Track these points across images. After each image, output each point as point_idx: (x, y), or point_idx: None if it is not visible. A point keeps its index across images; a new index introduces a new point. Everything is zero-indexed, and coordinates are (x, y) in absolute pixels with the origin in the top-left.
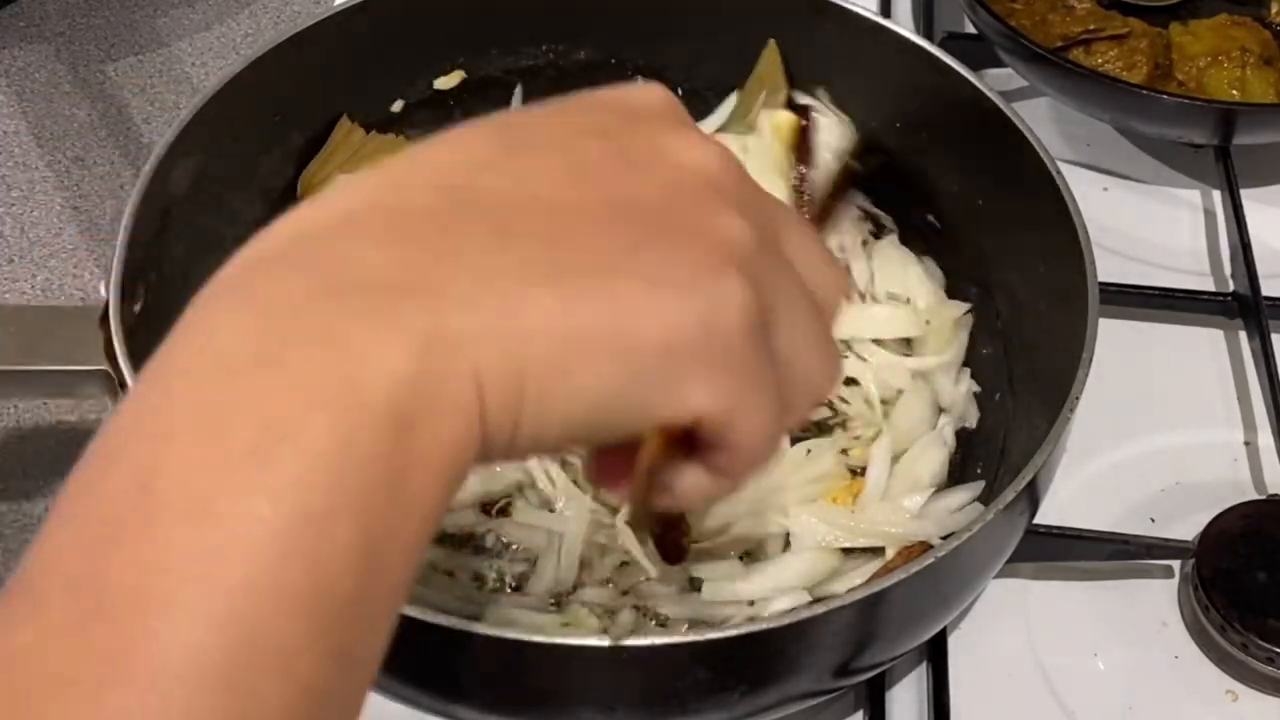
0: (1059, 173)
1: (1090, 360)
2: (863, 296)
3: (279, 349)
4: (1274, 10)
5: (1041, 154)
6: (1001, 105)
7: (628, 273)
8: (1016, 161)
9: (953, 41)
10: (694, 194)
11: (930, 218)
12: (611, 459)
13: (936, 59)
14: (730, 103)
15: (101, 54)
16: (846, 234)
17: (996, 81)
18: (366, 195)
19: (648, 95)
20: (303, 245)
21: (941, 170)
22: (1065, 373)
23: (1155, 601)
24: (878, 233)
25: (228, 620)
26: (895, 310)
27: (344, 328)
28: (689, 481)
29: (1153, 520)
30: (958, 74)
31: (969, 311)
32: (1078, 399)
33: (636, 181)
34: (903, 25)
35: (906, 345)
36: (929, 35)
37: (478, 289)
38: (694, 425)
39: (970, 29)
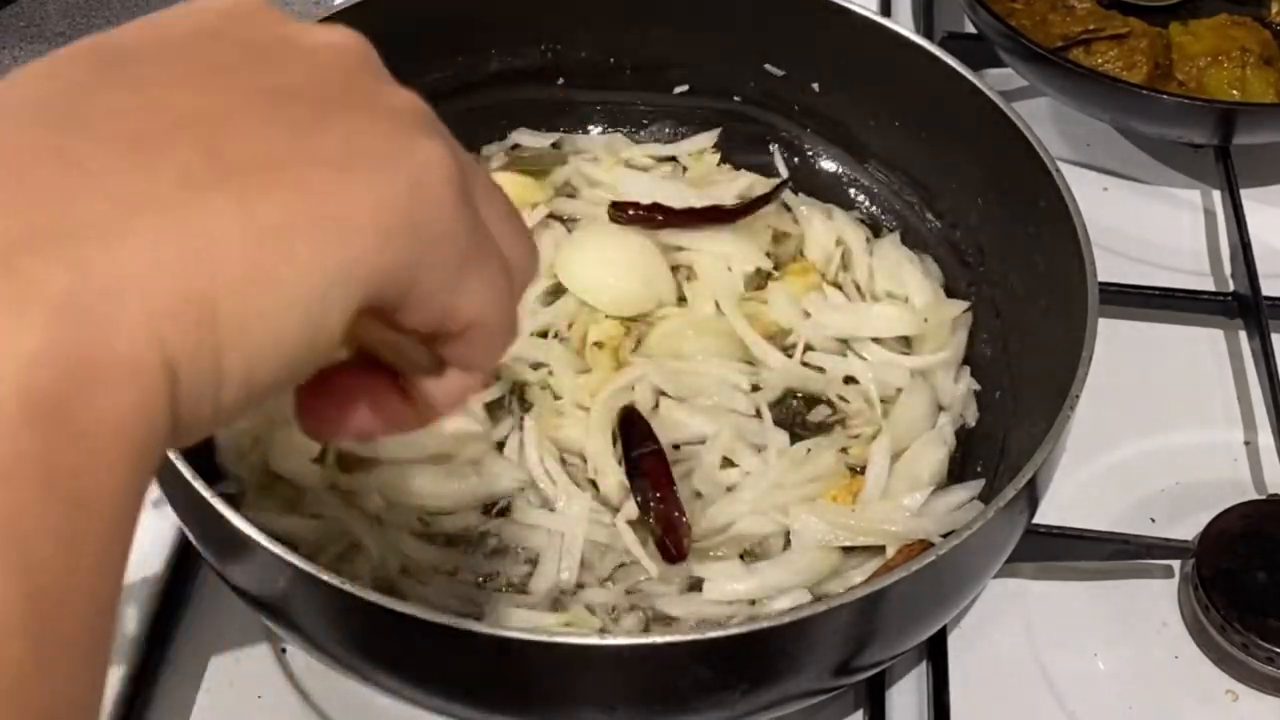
0: (1059, 172)
1: (1090, 360)
2: (863, 295)
3: None
4: (1274, 10)
5: (1041, 154)
6: (1002, 105)
7: (308, 158)
8: (1016, 161)
9: (953, 41)
10: (346, 73)
11: (930, 217)
12: (318, 397)
13: (936, 58)
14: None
15: None
16: (849, 232)
17: (996, 81)
18: None
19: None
20: None
21: (941, 170)
22: (1065, 373)
23: (1155, 601)
24: (877, 232)
25: None
26: (894, 309)
27: None
28: (446, 388)
29: (1153, 520)
30: (958, 74)
31: (968, 310)
32: (1078, 398)
33: (276, 70)
34: (903, 25)
35: (906, 344)
36: (929, 35)
37: (125, 216)
38: (420, 317)
39: (970, 29)
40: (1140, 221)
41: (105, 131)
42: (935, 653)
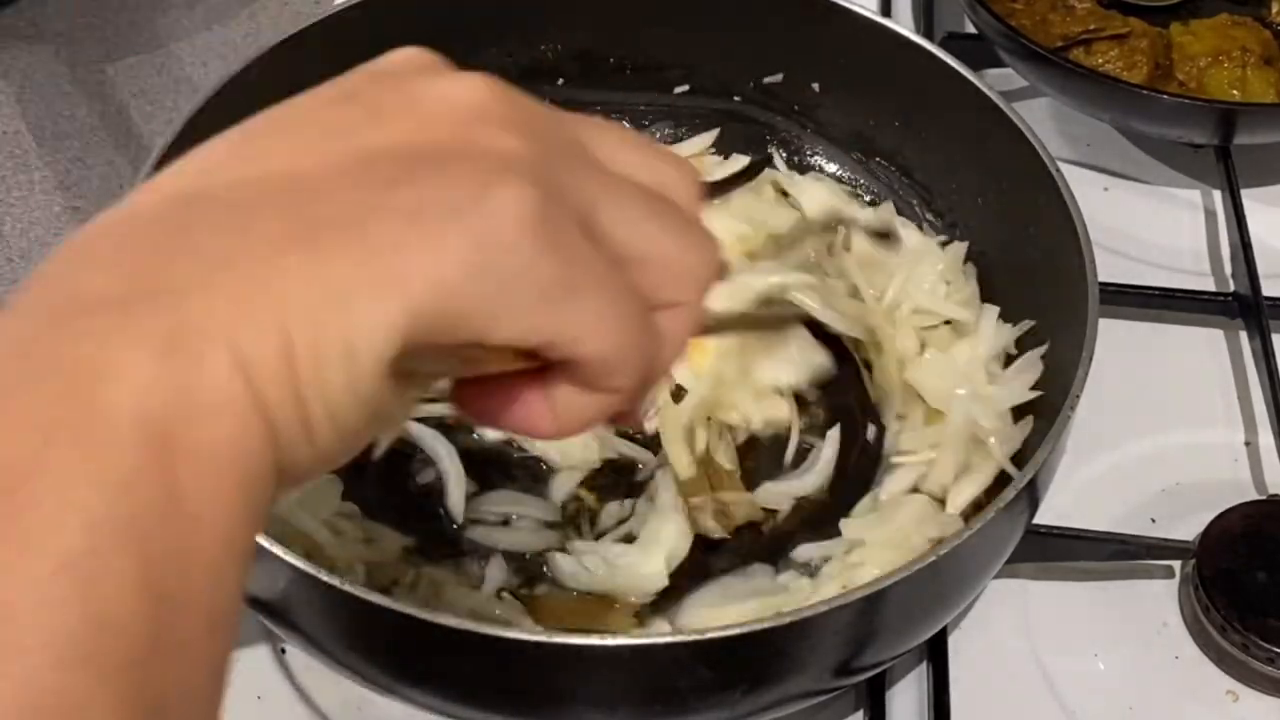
0: (1059, 172)
1: (1090, 360)
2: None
3: (5, 392)
4: (1274, 10)
5: (1042, 154)
6: (1002, 105)
7: (382, 214)
8: (1017, 161)
9: (953, 41)
10: (454, 124)
11: (930, 217)
12: (475, 390)
13: (936, 58)
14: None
15: (101, 54)
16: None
17: (996, 81)
18: (96, 224)
19: (401, 53)
20: (34, 286)
21: (941, 170)
22: (1065, 373)
23: (1155, 601)
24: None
25: (5, 694)
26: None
27: (74, 352)
28: (566, 403)
29: (1153, 520)
30: (958, 74)
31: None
32: (1078, 398)
33: (388, 130)
34: (903, 25)
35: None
36: (929, 35)
37: (215, 275)
38: (526, 349)
39: (970, 29)
40: (1140, 221)
41: (218, 202)
42: (935, 653)
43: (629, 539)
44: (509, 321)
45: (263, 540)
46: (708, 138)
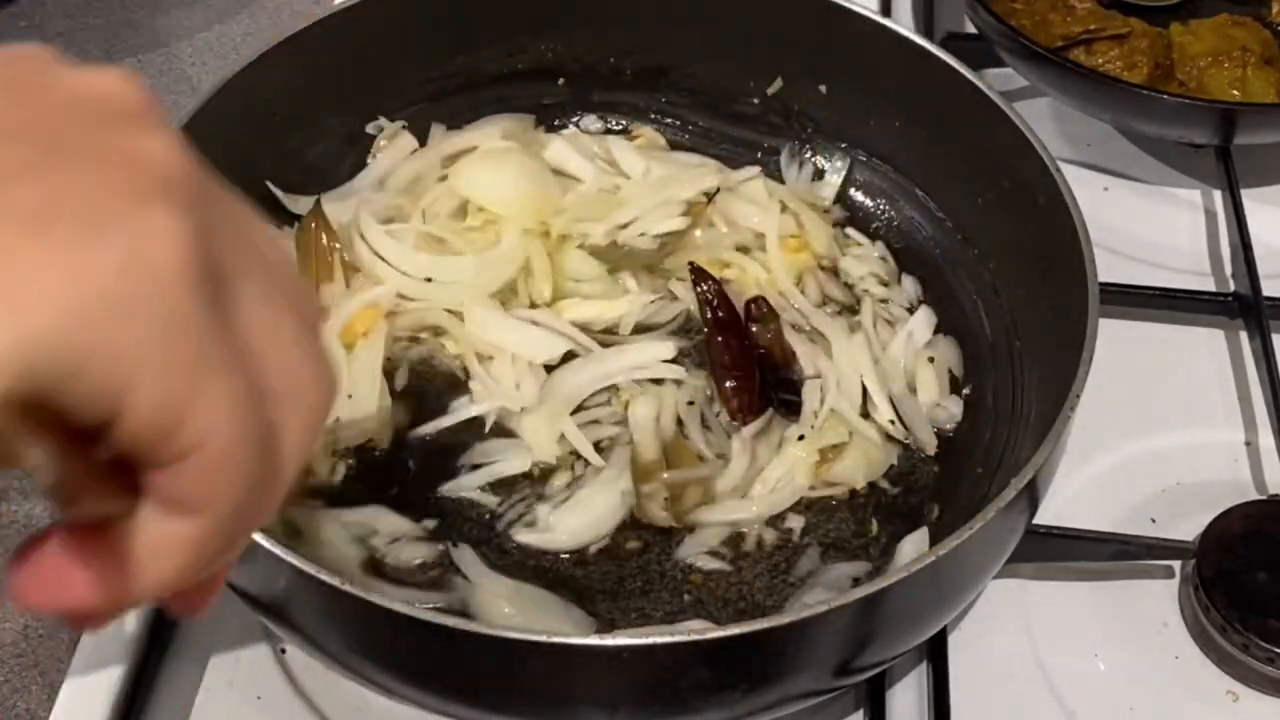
0: (1059, 172)
1: (1090, 360)
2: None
3: None
4: (1274, 10)
5: (1042, 154)
6: (1002, 105)
7: (8, 208)
8: (1016, 161)
9: (953, 41)
10: (99, 117)
11: (930, 216)
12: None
13: (936, 58)
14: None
15: (101, 54)
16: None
17: (996, 81)
18: None
19: (21, 45)
20: None
21: (941, 169)
22: (1065, 373)
23: (1155, 601)
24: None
25: None
26: None
27: None
28: (157, 534)
29: (1153, 520)
30: (958, 74)
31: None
32: (1078, 398)
33: (19, 106)
34: (903, 25)
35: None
36: (929, 35)
37: None
38: (123, 430)
39: (970, 29)
40: (1140, 221)
41: None
42: (935, 653)
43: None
44: (148, 380)
45: (262, 540)
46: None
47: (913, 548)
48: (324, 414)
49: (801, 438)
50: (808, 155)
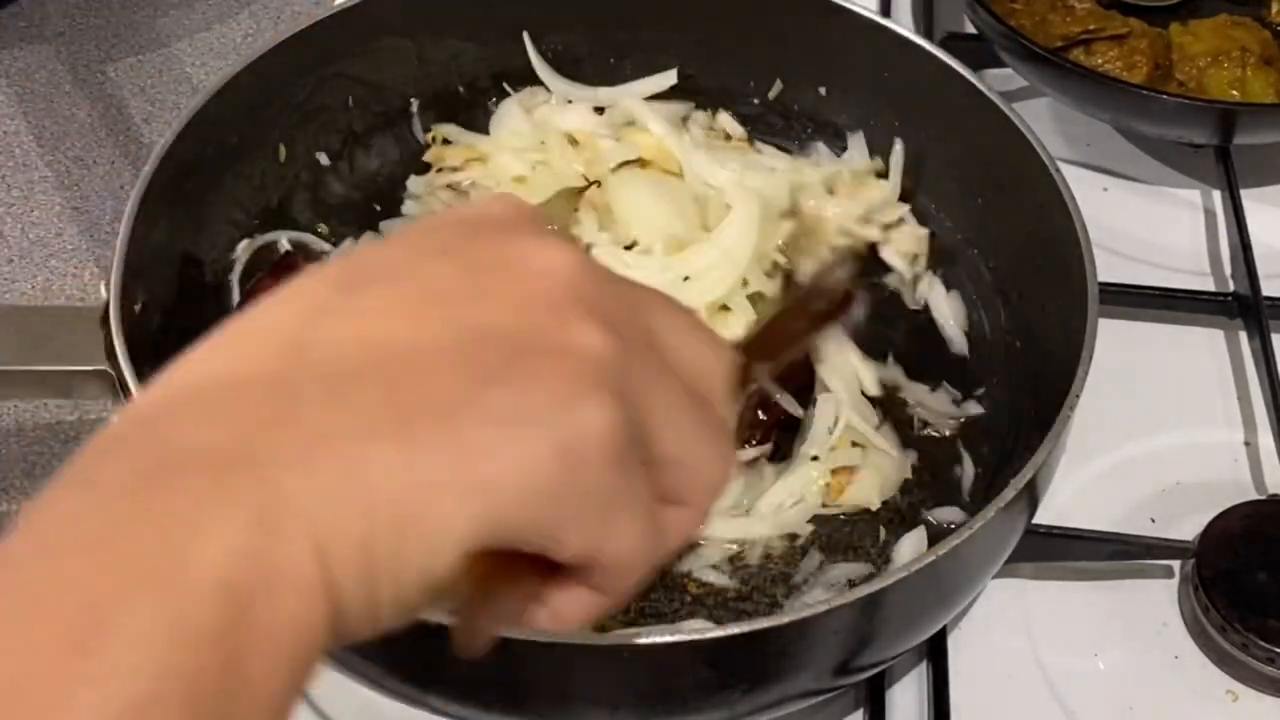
0: (1059, 172)
1: (1090, 360)
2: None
3: (104, 531)
4: (1274, 10)
5: (1041, 154)
6: (1001, 105)
7: (476, 413)
8: (1017, 161)
9: (953, 41)
10: (547, 306)
11: (930, 216)
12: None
13: (936, 58)
14: None
15: (101, 54)
16: None
17: (996, 81)
18: (200, 368)
19: (495, 204)
20: (137, 428)
21: (941, 169)
22: (1065, 372)
23: (1155, 601)
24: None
25: None
26: None
27: (171, 506)
28: (573, 604)
29: (1153, 520)
30: (958, 74)
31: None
32: (1078, 398)
33: (483, 301)
34: (903, 25)
35: None
36: (929, 35)
37: (313, 452)
38: (562, 553)
39: (970, 29)
40: (1140, 221)
41: (317, 364)
42: (935, 653)
43: None
44: (575, 533)
45: None
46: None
47: (910, 547)
48: (719, 493)
49: (815, 458)
50: (807, 156)
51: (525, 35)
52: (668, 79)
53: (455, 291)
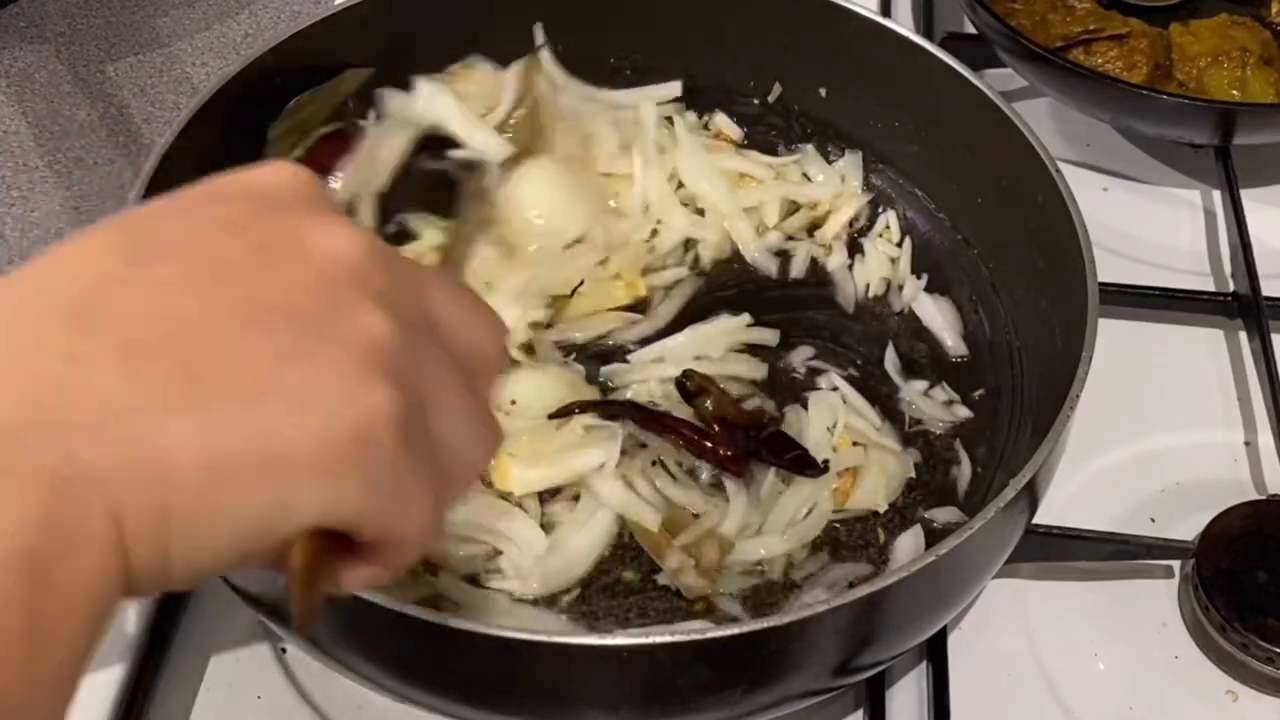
0: (1059, 173)
1: (1090, 360)
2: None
3: None
4: (1274, 10)
5: (1041, 154)
6: (1002, 105)
7: (274, 391)
8: (1017, 161)
9: (953, 41)
10: (336, 289)
11: (930, 216)
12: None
13: (937, 59)
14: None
15: (101, 54)
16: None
17: (996, 81)
18: None
19: (282, 175)
20: None
21: (942, 170)
22: (1065, 372)
23: (1155, 601)
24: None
25: None
26: None
27: None
28: (357, 577)
29: (1153, 520)
30: (958, 74)
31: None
32: (1078, 398)
33: (275, 280)
34: (903, 25)
35: None
36: (929, 35)
37: (109, 420)
38: (361, 530)
39: (970, 29)
40: (1140, 221)
41: (110, 334)
42: (935, 653)
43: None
44: (355, 511)
45: None
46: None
47: (908, 547)
48: (480, 471)
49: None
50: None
51: (538, 28)
52: (672, 89)
53: (243, 269)
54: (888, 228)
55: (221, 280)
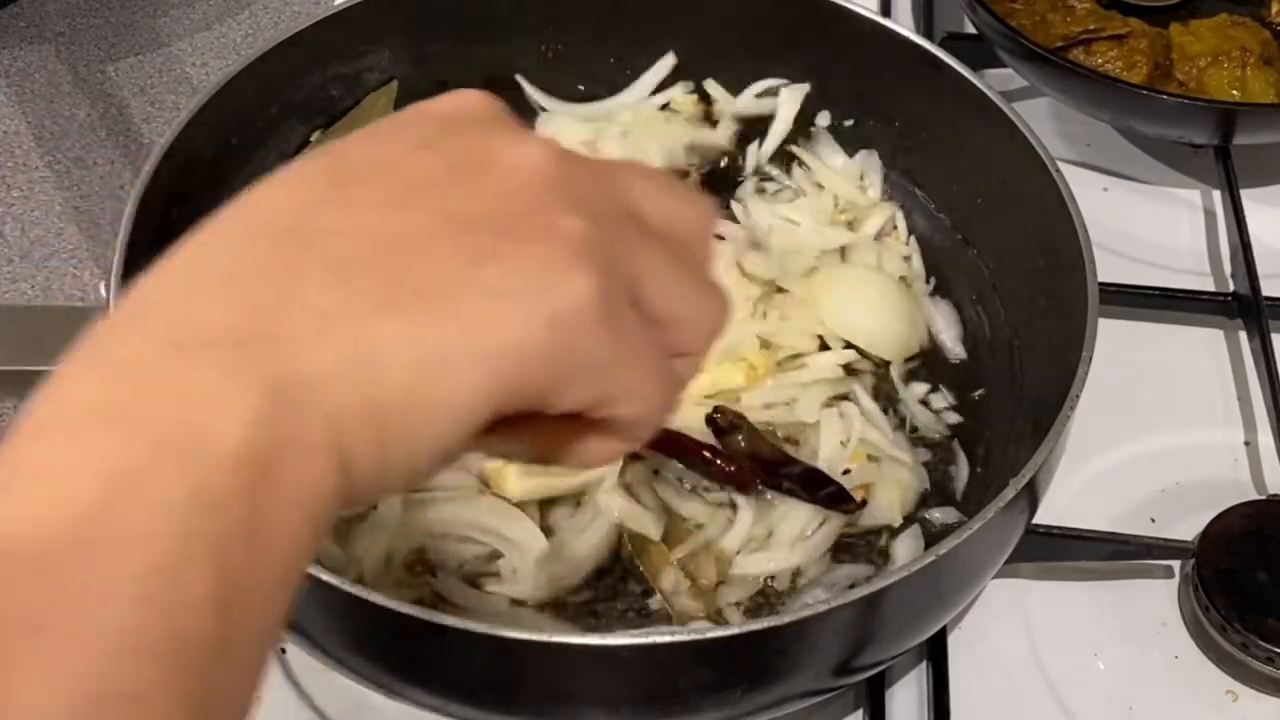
0: (1059, 173)
1: (1090, 360)
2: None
3: (125, 404)
4: (1274, 10)
5: (1041, 154)
6: (1002, 105)
7: (472, 288)
8: (1017, 161)
9: (953, 41)
10: (527, 196)
11: (930, 216)
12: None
13: (937, 59)
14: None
15: (101, 54)
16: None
17: (996, 81)
18: (205, 255)
19: (466, 100)
20: (148, 308)
21: (941, 169)
22: (1065, 372)
23: (1155, 601)
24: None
25: (80, 673)
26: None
27: (189, 380)
28: (595, 450)
29: (1153, 520)
30: (958, 74)
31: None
32: (1078, 398)
33: (468, 193)
34: (903, 25)
35: None
36: (929, 35)
37: (322, 328)
38: (574, 406)
39: (970, 29)
40: (1140, 221)
41: (319, 251)
42: (935, 653)
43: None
44: (574, 391)
45: None
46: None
47: (906, 548)
48: (718, 335)
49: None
50: (809, 155)
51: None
52: (666, 63)
53: (440, 184)
54: (895, 227)
55: (420, 194)
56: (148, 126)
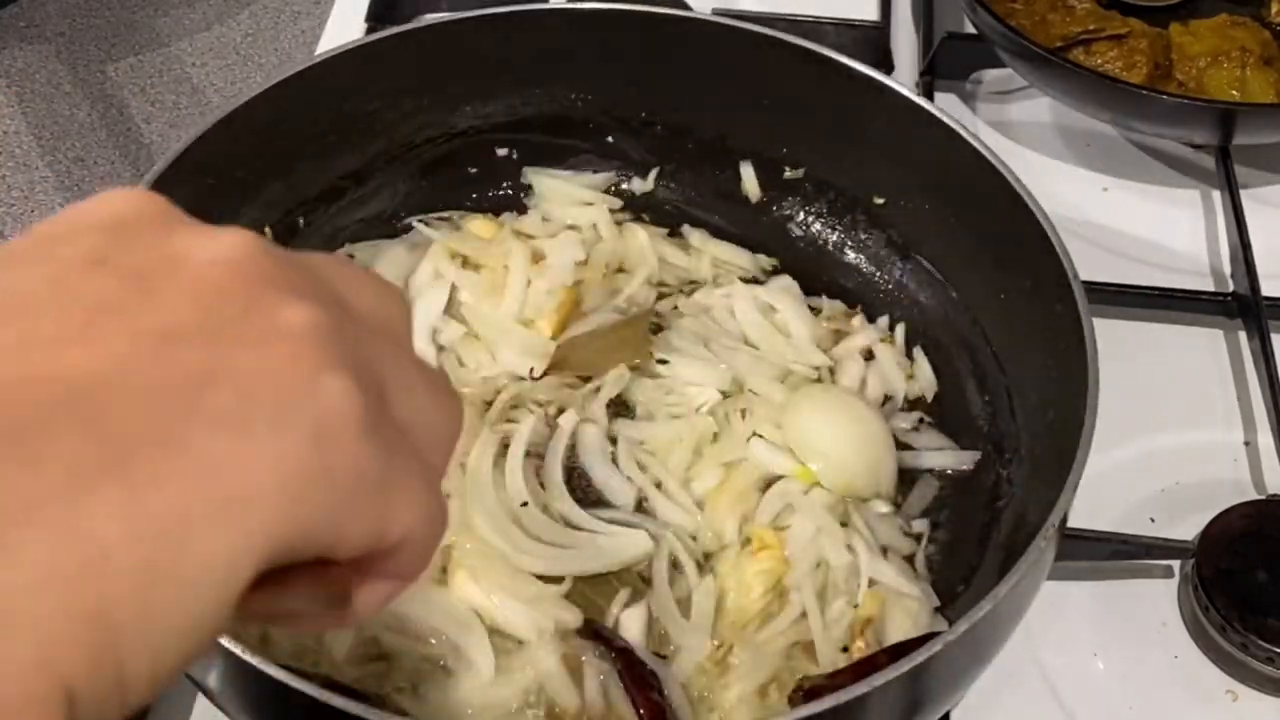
0: (1058, 237)
1: (1095, 411)
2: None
3: None
4: (1274, 10)
5: (1039, 215)
6: (995, 163)
7: (201, 422)
8: (1016, 224)
9: (952, 42)
10: (237, 294)
11: (925, 263)
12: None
13: (932, 116)
14: None
15: (101, 54)
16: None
17: (996, 82)
18: None
19: (127, 201)
20: None
21: (939, 235)
22: (1067, 405)
23: (1155, 601)
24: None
25: None
26: None
27: None
28: (373, 598)
29: (1153, 520)
30: (955, 134)
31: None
32: (1084, 463)
33: (161, 305)
34: (903, 26)
35: None
36: (929, 36)
37: (13, 526)
38: (341, 555)
39: (970, 29)
40: (1140, 221)
41: None
42: None
43: None
44: (355, 525)
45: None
46: None
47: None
48: (457, 439)
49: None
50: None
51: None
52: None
53: (127, 303)
54: (890, 333)
55: (107, 319)
56: (148, 126)
